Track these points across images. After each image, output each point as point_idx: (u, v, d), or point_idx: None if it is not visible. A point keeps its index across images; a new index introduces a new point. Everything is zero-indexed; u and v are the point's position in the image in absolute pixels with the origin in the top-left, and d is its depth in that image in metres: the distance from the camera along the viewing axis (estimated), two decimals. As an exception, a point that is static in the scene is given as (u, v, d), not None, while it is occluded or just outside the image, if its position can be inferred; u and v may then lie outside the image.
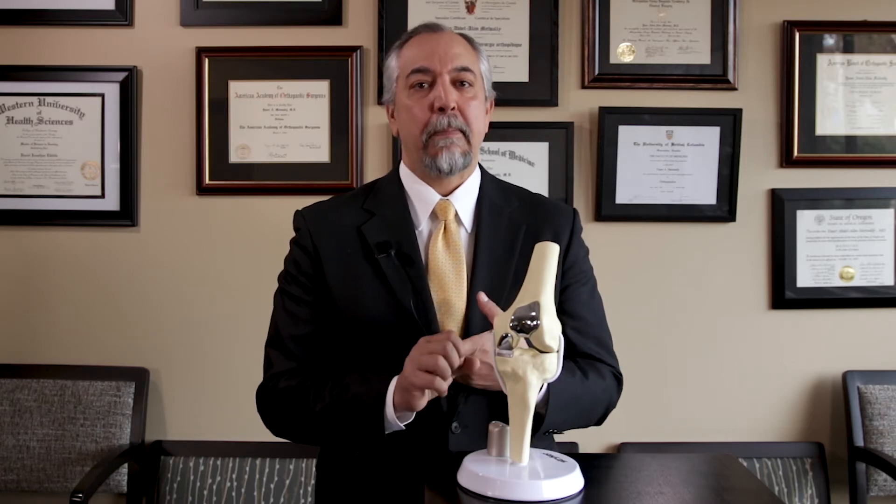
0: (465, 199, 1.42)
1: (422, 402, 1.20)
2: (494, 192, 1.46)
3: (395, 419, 1.23)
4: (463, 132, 1.36)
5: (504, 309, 1.18)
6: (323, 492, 1.45)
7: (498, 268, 1.38)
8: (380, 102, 2.25)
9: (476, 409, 1.33)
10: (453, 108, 1.35)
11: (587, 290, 1.47)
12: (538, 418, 1.26)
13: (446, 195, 1.41)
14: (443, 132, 1.35)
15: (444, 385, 1.18)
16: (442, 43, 1.38)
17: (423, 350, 1.20)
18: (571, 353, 1.39)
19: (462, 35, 1.44)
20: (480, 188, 1.45)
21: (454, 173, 1.38)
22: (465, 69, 1.37)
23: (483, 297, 1.24)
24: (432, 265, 1.37)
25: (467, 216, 1.42)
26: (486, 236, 1.39)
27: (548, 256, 1.14)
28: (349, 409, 1.26)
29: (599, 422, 1.44)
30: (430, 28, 1.42)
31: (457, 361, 1.18)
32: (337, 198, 1.50)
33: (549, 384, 1.25)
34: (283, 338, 1.38)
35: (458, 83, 1.37)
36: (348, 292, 1.36)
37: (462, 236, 1.40)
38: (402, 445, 1.27)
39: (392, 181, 1.45)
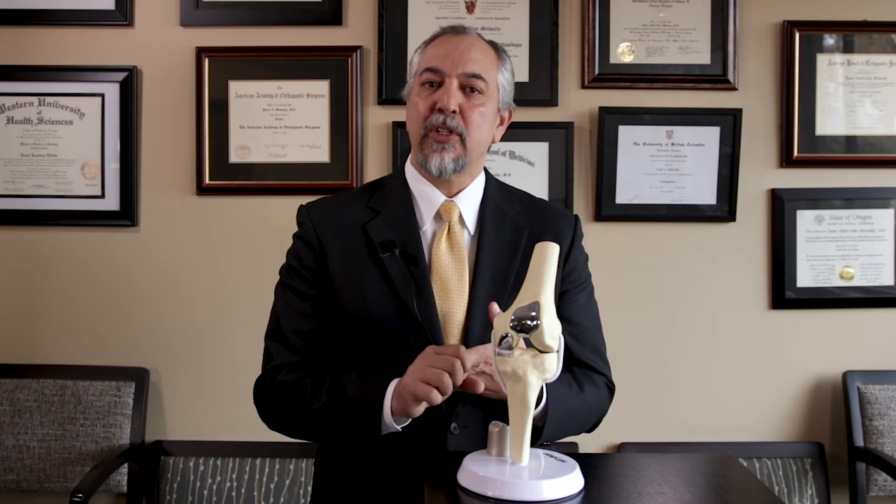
0: (469, 201, 1.42)
1: (418, 410, 1.19)
2: (498, 195, 1.46)
3: (391, 422, 1.23)
4: (460, 136, 1.35)
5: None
6: (320, 492, 1.45)
7: (500, 271, 1.38)
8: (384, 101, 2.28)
9: (475, 410, 1.33)
10: (454, 112, 1.34)
11: (585, 297, 1.47)
12: (535, 431, 1.25)
13: (451, 197, 1.41)
14: (440, 135, 1.34)
15: (439, 398, 1.17)
16: (461, 46, 1.37)
17: (430, 362, 1.19)
18: (568, 359, 1.38)
19: (491, 43, 1.43)
20: (485, 191, 1.45)
21: (444, 177, 1.37)
22: (476, 76, 1.36)
23: (496, 307, 1.21)
24: (435, 266, 1.37)
25: (471, 218, 1.42)
26: (489, 239, 1.39)
27: (548, 256, 1.13)
28: (346, 411, 1.26)
29: (591, 430, 1.45)
30: (456, 30, 1.41)
31: (460, 379, 1.17)
32: (342, 194, 1.50)
33: (547, 397, 1.25)
34: (284, 331, 1.38)
35: (469, 89, 1.36)
36: (351, 289, 1.36)
37: (465, 238, 1.40)
38: (401, 446, 1.27)
39: (398, 180, 1.45)
